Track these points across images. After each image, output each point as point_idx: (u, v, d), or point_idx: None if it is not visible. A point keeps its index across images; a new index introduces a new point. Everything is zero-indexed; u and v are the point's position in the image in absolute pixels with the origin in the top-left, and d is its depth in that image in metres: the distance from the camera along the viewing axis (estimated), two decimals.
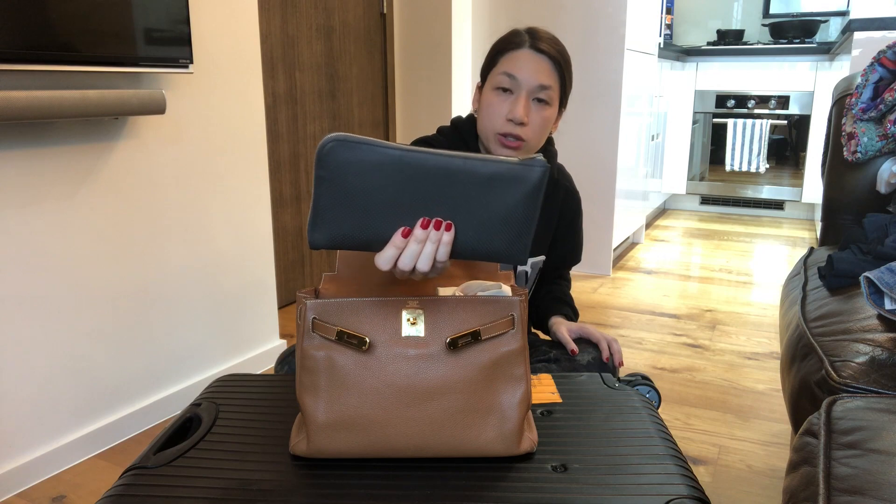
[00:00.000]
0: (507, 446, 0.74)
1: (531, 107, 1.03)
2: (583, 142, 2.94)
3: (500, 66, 1.03)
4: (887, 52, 1.39)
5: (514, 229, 0.66)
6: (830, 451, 0.68)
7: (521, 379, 0.75)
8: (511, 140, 1.03)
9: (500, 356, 0.74)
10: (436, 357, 0.73)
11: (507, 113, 1.02)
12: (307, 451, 0.74)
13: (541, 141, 1.07)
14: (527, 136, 1.03)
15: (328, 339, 0.73)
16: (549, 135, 1.11)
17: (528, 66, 1.02)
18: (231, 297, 1.87)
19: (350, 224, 0.65)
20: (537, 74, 1.01)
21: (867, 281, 0.97)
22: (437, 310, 0.74)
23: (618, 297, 2.68)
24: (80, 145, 1.45)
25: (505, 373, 0.74)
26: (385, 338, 0.73)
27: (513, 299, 0.75)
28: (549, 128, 1.06)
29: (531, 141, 1.04)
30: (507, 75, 1.02)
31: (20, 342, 1.39)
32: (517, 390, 0.74)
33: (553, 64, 1.03)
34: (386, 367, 0.72)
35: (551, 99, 1.04)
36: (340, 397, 0.73)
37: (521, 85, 1.02)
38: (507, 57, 1.03)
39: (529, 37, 1.03)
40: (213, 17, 1.72)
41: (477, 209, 0.65)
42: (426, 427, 0.72)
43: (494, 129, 1.04)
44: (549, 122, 1.05)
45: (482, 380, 0.73)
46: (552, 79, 1.03)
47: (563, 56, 1.05)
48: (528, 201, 0.65)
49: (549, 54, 1.02)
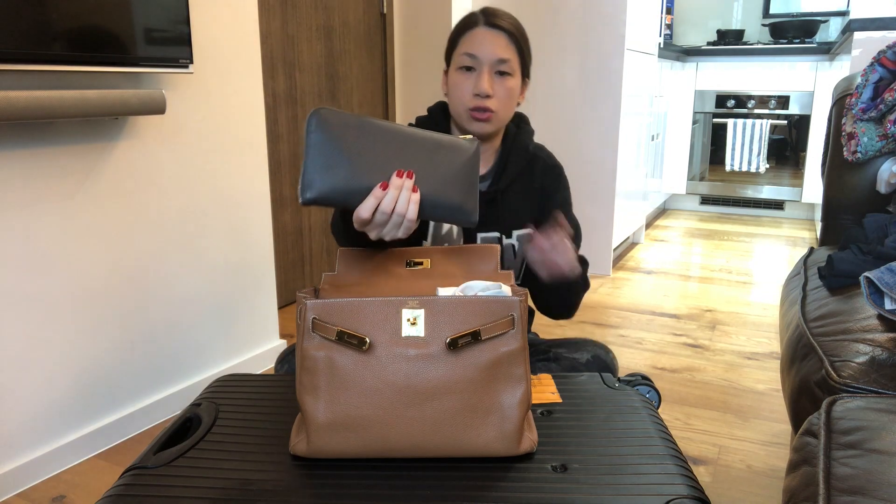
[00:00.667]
0: (507, 446, 0.74)
1: (494, 79, 1.09)
2: (583, 142, 2.94)
3: (461, 48, 1.10)
4: (887, 52, 1.39)
5: (461, 188, 0.84)
6: (830, 451, 0.68)
7: (521, 379, 0.75)
8: (481, 113, 1.09)
9: (500, 356, 0.74)
10: (436, 357, 0.73)
11: (473, 88, 1.08)
12: (307, 451, 0.74)
13: (509, 111, 1.13)
14: (495, 106, 1.09)
15: (328, 339, 0.73)
16: (516, 106, 1.17)
17: (486, 42, 1.08)
18: (231, 297, 1.87)
19: (337, 178, 0.79)
20: (495, 49, 1.08)
21: (867, 281, 0.97)
22: (437, 310, 0.74)
23: (618, 297, 2.68)
24: (80, 145, 1.45)
25: (505, 373, 0.74)
26: (385, 338, 0.73)
27: (513, 299, 0.75)
28: (515, 97, 1.13)
29: (500, 111, 1.10)
30: (468, 55, 1.08)
31: (20, 342, 1.39)
32: (517, 390, 0.74)
33: (509, 37, 1.09)
34: (386, 368, 0.72)
35: (512, 70, 1.10)
36: (340, 397, 0.73)
37: (482, 61, 1.08)
38: (465, 37, 1.10)
39: (484, 15, 1.10)
40: (213, 17, 1.72)
41: (430, 170, 0.83)
42: (426, 427, 0.72)
43: (465, 106, 1.10)
44: (515, 92, 1.12)
45: (482, 380, 0.73)
46: (510, 51, 1.09)
47: (519, 29, 1.12)
48: (468, 166, 0.85)
49: (503, 28, 1.09)
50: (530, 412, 0.83)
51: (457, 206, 0.84)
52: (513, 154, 1.17)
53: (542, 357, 1.14)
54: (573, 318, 2.41)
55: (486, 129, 1.10)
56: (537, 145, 1.22)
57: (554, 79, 2.93)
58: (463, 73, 1.09)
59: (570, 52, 2.88)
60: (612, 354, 1.16)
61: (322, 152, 0.79)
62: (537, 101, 2.98)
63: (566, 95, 2.92)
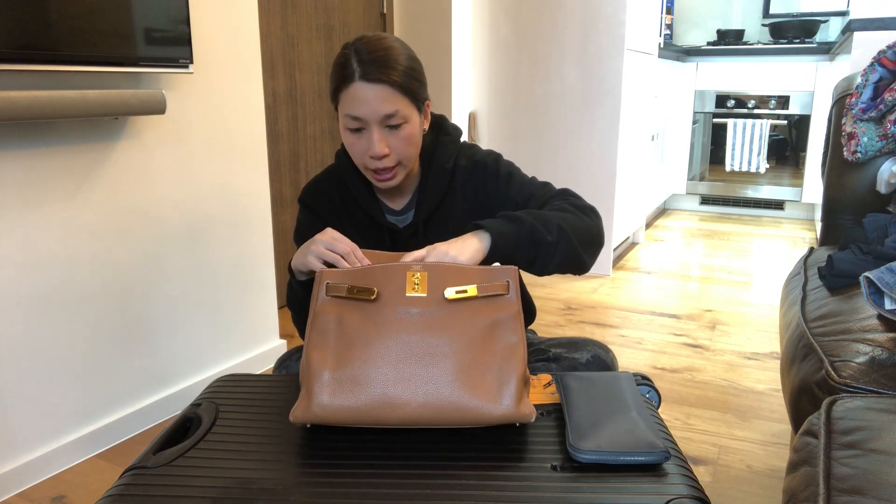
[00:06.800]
0: (506, 407, 0.76)
1: (387, 134, 1.01)
2: (583, 142, 2.94)
3: (342, 107, 1.01)
4: (887, 52, 1.39)
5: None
6: (830, 451, 0.68)
7: (518, 343, 0.81)
8: (382, 173, 1.03)
9: (497, 320, 0.81)
10: (437, 315, 0.80)
11: (367, 150, 1.01)
12: (307, 415, 0.76)
13: (414, 152, 1.05)
14: (395, 161, 1.03)
15: (339, 296, 0.82)
16: (423, 132, 1.09)
17: (367, 101, 0.98)
18: (231, 297, 1.87)
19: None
20: (378, 107, 0.98)
21: (867, 281, 0.97)
22: (439, 273, 0.83)
23: (618, 297, 2.68)
24: (80, 145, 1.45)
25: (501, 336, 0.80)
26: (390, 298, 0.81)
27: (508, 268, 0.85)
28: (415, 139, 1.04)
29: (403, 160, 1.04)
30: (352, 117, 1.00)
31: (20, 342, 1.39)
32: (514, 353, 0.79)
33: (390, 87, 0.98)
34: (391, 325, 0.79)
35: (404, 117, 1.01)
36: (347, 353, 0.78)
37: (368, 121, 1.00)
38: (344, 94, 1.00)
39: (360, 65, 0.98)
40: (213, 17, 1.72)
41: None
42: (428, 385, 0.76)
43: (365, 167, 1.04)
44: (414, 135, 1.03)
45: (480, 339, 0.79)
46: (395, 102, 0.99)
47: (399, 67, 0.99)
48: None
49: (382, 80, 0.98)
50: (529, 387, 0.87)
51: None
52: (430, 182, 1.10)
53: (541, 357, 1.14)
54: (573, 318, 2.41)
55: (395, 183, 1.05)
56: (460, 151, 1.14)
57: (554, 79, 2.93)
58: (353, 134, 1.02)
59: (570, 52, 2.88)
60: (612, 354, 1.16)
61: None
62: (537, 101, 2.99)
63: (566, 95, 2.92)
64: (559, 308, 2.53)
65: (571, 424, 0.78)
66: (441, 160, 1.11)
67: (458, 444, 0.78)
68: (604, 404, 0.81)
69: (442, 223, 1.12)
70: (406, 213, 1.14)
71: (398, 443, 0.78)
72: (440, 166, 1.11)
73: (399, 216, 1.15)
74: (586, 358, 1.12)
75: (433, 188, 1.10)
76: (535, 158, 3.05)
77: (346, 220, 1.15)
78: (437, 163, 1.11)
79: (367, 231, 1.14)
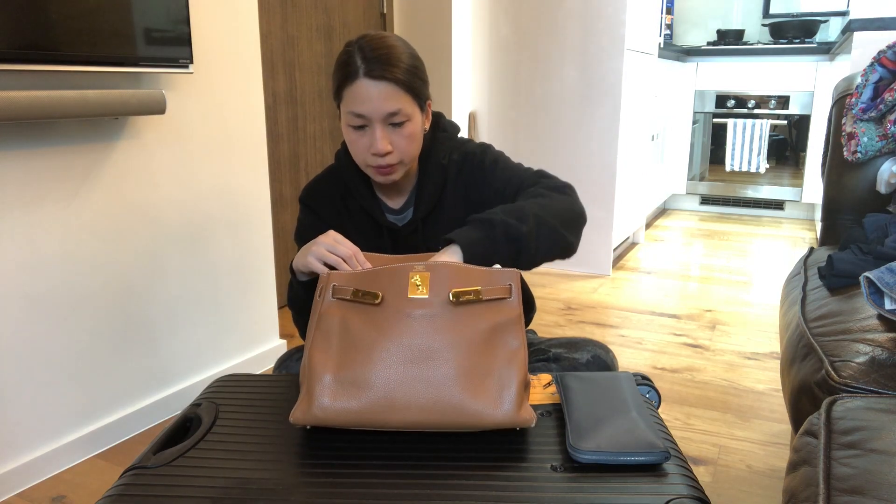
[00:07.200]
0: (506, 412, 0.76)
1: (390, 132, 1.01)
2: (583, 142, 2.94)
3: (346, 104, 1.01)
4: (887, 52, 1.39)
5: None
6: (830, 451, 0.68)
7: (519, 347, 0.80)
8: (384, 169, 1.03)
9: (498, 324, 0.80)
10: (439, 318, 0.80)
11: (370, 148, 1.01)
12: (308, 416, 0.76)
13: (415, 151, 1.06)
14: (397, 158, 1.03)
15: (345, 299, 0.82)
16: (424, 132, 1.09)
17: (371, 98, 0.98)
18: (231, 297, 1.87)
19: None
20: (382, 104, 0.98)
21: (867, 281, 0.97)
22: (441, 274, 0.83)
23: (618, 297, 2.68)
24: (80, 145, 1.45)
25: (502, 340, 0.80)
26: (393, 299, 0.81)
27: (511, 271, 0.84)
28: (417, 137, 1.05)
29: (405, 157, 1.04)
30: (355, 114, 1.00)
31: (20, 342, 1.39)
32: (515, 357, 0.79)
33: (394, 84, 0.99)
34: (393, 327, 0.79)
35: (407, 115, 1.01)
36: (348, 355, 0.78)
37: (371, 118, 1.00)
38: (348, 91, 1.00)
39: (364, 62, 0.98)
40: (213, 17, 1.72)
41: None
42: (430, 388, 0.76)
43: (366, 164, 1.04)
44: (416, 134, 1.04)
45: (481, 343, 0.79)
46: (399, 100, 0.99)
47: (405, 68, 1.00)
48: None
49: (386, 78, 0.98)
50: (529, 393, 0.87)
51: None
52: (427, 179, 1.11)
53: (541, 357, 1.14)
54: (573, 318, 2.41)
55: (395, 178, 1.06)
56: (454, 147, 1.15)
57: (554, 79, 2.93)
58: (355, 131, 1.02)
59: (570, 52, 2.88)
60: (612, 354, 1.16)
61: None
62: (537, 101, 2.99)
63: (566, 95, 2.92)
64: (559, 308, 2.53)
65: (571, 424, 0.77)
66: (437, 157, 1.12)
67: (458, 445, 0.78)
68: (604, 404, 0.81)
69: (440, 220, 1.13)
70: (405, 211, 1.15)
71: (398, 443, 0.78)
72: (436, 163, 1.11)
73: (398, 215, 1.15)
74: (586, 358, 1.12)
75: (430, 185, 1.11)
76: (535, 158, 3.05)
77: (346, 219, 1.15)
78: (434, 159, 1.11)
79: (367, 230, 1.15)
